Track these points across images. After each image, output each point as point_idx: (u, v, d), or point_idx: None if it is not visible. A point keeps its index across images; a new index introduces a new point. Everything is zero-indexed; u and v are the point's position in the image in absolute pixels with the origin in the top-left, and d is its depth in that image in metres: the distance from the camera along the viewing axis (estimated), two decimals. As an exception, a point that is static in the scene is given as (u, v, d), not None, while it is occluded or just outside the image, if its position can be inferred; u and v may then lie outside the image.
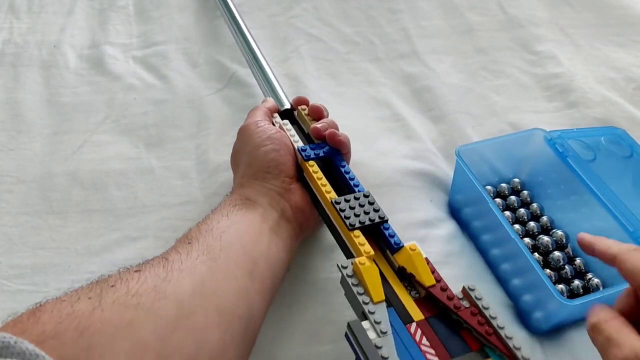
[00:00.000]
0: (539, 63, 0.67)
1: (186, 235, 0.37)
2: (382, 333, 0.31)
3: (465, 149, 0.48)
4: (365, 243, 0.36)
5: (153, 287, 0.30)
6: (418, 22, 0.73)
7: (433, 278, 0.34)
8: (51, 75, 0.63)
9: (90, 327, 0.26)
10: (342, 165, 0.43)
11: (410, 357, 0.31)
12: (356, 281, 0.34)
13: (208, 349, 0.30)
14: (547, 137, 0.50)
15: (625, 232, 0.42)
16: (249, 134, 0.45)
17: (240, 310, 0.33)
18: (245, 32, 0.62)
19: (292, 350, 0.40)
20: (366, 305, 0.32)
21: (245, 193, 0.42)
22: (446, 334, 0.32)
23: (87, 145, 0.56)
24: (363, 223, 0.38)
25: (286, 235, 0.41)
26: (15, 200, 0.50)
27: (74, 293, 0.29)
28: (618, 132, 0.52)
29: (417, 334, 0.32)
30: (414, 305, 0.34)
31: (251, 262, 0.36)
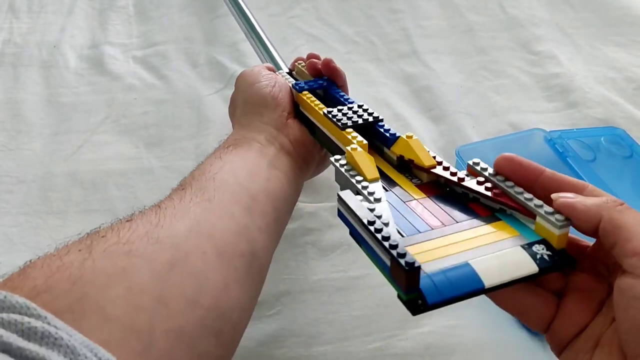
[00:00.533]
0: (539, 63, 0.67)
1: (180, 184, 0.36)
2: (376, 200, 0.29)
3: (466, 149, 0.48)
4: (357, 136, 0.35)
5: (145, 233, 0.29)
6: (418, 22, 0.73)
7: (433, 160, 0.33)
8: (51, 75, 0.63)
9: (82, 277, 0.25)
10: (338, 92, 0.43)
11: (408, 222, 0.28)
12: (349, 167, 0.32)
13: (209, 288, 0.29)
14: (547, 137, 0.50)
15: (625, 232, 0.42)
16: (243, 77, 0.46)
17: (241, 248, 0.32)
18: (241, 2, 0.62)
19: (292, 351, 0.40)
20: (359, 183, 0.31)
21: (241, 133, 0.41)
22: (451, 207, 0.30)
23: (87, 145, 0.56)
24: (356, 122, 0.37)
25: (287, 169, 0.40)
26: (15, 201, 0.50)
27: (64, 247, 0.28)
28: (618, 132, 0.52)
29: (417, 208, 0.30)
30: (415, 189, 0.32)
31: (249, 198, 0.35)
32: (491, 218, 0.29)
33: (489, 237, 0.27)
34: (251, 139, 0.40)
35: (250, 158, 0.39)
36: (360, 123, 0.37)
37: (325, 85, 0.44)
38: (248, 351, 0.40)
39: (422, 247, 0.27)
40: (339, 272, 0.45)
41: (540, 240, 0.27)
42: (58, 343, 0.21)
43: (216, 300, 0.29)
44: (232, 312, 0.30)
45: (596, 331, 0.25)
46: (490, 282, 0.25)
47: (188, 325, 0.27)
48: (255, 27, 0.58)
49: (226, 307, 0.29)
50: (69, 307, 0.24)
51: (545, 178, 0.29)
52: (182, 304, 0.27)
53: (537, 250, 0.26)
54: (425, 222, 0.29)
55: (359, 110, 0.39)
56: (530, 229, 0.28)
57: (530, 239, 0.27)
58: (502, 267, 0.25)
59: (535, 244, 0.27)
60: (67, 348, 0.21)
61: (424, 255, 0.26)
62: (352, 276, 0.45)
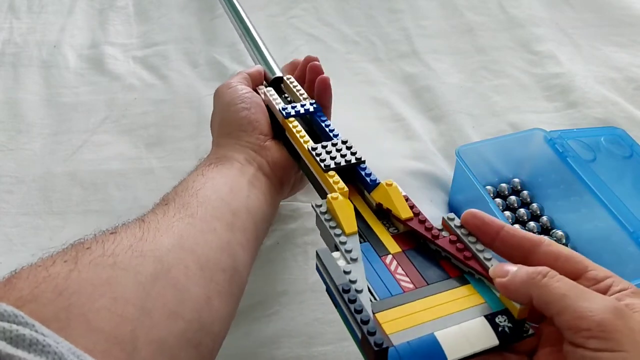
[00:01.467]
0: (539, 63, 0.67)
1: (163, 198, 0.36)
2: (352, 260, 0.30)
3: (465, 149, 0.48)
4: (339, 181, 0.36)
5: (129, 246, 0.29)
6: (418, 22, 0.73)
7: (410, 211, 0.33)
8: (51, 75, 0.63)
9: (68, 287, 0.26)
10: (322, 119, 0.43)
11: (383, 284, 0.30)
12: (329, 216, 0.33)
13: (191, 301, 0.29)
14: (547, 137, 0.50)
15: (625, 232, 0.42)
16: (220, 95, 0.45)
17: (223, 263, 0.33)
18: (235, 2, 0.61)
19: (292, 351, 0.40)
20: (338, 237, 0.32)
21: (221, 152, 0.42)
22: (424, 264, 0.31)
23: (87, 146, 0.56)
24: (338, 164, 0.38)
25: (265, 189, 0.41)
26: (15, 201, 0.50)
27: (49, 258, 0.28)
28: (618, 132, 0.52)
29: (392, 265, 0.31)
30: (391, 240, 0.33)
31: (231, 214, 0.36)
32: (460, 280, 0.30)
33: (456, 304, 0.29)
34: (231, 158, 0.41)
35: (231, 176, 0.39)
36: (343, 165, 0.38)
37: (312, 112, 0.44)
38: (248, 351, 0.40)
39: (392, 314, 0.28)
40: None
41: (503, 310, 0.28)
42: (46, 350, 0.21)
43: (198, 313, 0.29)
44: (212, 325, 0.31)
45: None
46: (453, 356, 0.26)
47: (170, 336, 0.27)
48: (250, 28, 0.58)
49: (207, 320, 0.30)
50: (55, 316, 0.24)
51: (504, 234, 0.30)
52: (165, 316, 0.28)
53: (499, 322, 0.28)
54: (398, 284, 0.30)
55: (343, 149, 0.39)
56: (495, 296, 0.29)
57: (493, 308, 0.28)
58: (465, 341, 0.27)
59: (498, 314, 0.28)
60: (55, 355, 0.21)
61: (393, 324, 0.27)
62: (352, 276, 0.45)
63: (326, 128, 0.42)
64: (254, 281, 0.45)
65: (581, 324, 0.24)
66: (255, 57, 0.54)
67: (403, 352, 0.26)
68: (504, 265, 0.28)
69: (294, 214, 0.49)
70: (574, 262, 0.28)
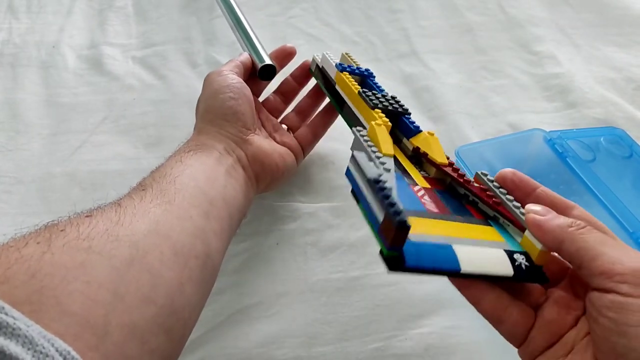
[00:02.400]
0: (538, 63, 0.67)
1: (140, 183, 0.36)
2: (386, 170, 0.30)
3: (465, 149, 0.48)
4: (384, 116, 0.37)
5: (105, 230, 0.29)
6: (417, 22, 0.73)
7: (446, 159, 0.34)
8: (50, 76, 0.63)
9: (41, 270, 0.25)
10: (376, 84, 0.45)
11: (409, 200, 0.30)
12: (368, 139, 0.34)
13: (164, 286, 0.29)
14: (546, 137, 0.50)
15: (625, 232, 0.42)
16: (210, 81, 0.45)
17: (197, 250, 0.33)
18: (234, 6, 0.61)
19: (292, 352, 0.40)
20: (375, 153, 0.32)
21: (201, 139, 0.42)
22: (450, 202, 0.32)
23: (86, 146, 0.55)
24: (386, 106, 0.39)
25: (242, 180, 0.41)
26: (14, 201, 0.50)
27: (22, 238, 0.28)
28: (617, 132, 0.52)
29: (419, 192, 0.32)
30: (421, 179, 0.34)
31: (207, 202, 0.36)
32: (483, 222, 0.31)
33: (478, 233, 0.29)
34: (211, 147, 0.41)
35: (209, 164, 0.39)
36: (390, 109, 0.39)
37: (365, 74, 0.47)
38: (247, 352, 0.40)
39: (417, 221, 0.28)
40: (338, 272, 0.45)
41: (523, 252, 0.29)
42: (16, 333, 0.21)
43: (170, 298, 0.29)
44: (184, 311, 0.31)
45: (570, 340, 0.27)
46: (467, 268, 0.26)
47: (142, 321, 0.27)
48: (240, 17, 0.58)
49: (179, 305, 0.30)
50: (27, 298, 0.24)
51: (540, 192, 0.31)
52: (138, 300, 0.28)
53: (517, 258, 0.28)
54: (423, 206, 0.30)
55: (391, 100, 0.41)
56: (517, 241, 0.30)
57: (514, 248, 0.29)
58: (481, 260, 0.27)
59: (517, 253, 0.28)
60: (25, 338, 0.21)
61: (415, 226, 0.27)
62: (351, 276, 0.45)
63: (377, 88, 0.44)
64: (254, 281, 0.45)
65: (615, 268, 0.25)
66: (245, 46, 0.54)
67: (420, 247, 0.26)
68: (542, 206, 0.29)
69: (294, 214, 0.49)
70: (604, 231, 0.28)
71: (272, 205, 0.50)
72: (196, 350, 0.40)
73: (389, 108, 0.39)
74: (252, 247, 0.47)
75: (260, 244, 0.47)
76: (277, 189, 0.49)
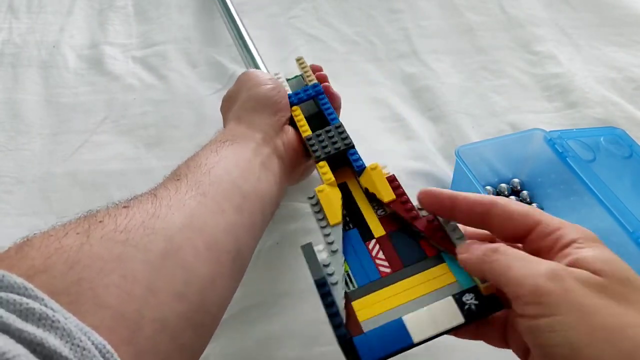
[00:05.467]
0: (539, 63, 0.67)
1: (175, 172, 0.37)
2: (333, 252, 0.32)
3: (465, 149, 0.48)
4: (327, 172, 0.38)
5: (142, 223, 0.29)
6: (418, 22, 0.73)
7: (392, 193, 0.35)
8: (50, 76, 0.63)
9: (79, 261, 0.26)
10: (323, 103, 0.45)
11: (363, 270, 0.32)
12: (318, 208, 0.36)
13: (197, 282, 0.30)
14: (546, 137, 0.50)
15: (625, 232, 0.42)
16: (251, 75, 0.46)
17: (229, 245, 0.33)
18: (231, 8, 0.63)
19: (292, 352, 0.40)
20: (323, 228, 0.34)
21: (240, 129, 0.42)
22: (404, 246, 0.33)
23: (86, 146, 0.56)
24: (328, 153, 0.40)
25: (277, 171, 0.41)
26: (15, 201, 0.50)
27: (61, 228, 0.28)
28: (617, 132, 0.52)
29: (374, 250, 0.33)
30: (377, 223, 0.35)
31: (240, 196, 0.36)
32: (436, 259, 0.32)
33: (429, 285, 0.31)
34: (248, 137, 0.41)
35: (245, 156, 0.39)
36: (332, 153, 0.40)
37: (314, 95, 0.46)
38: (248, 351, 0.40)
39: (367, 300, 0.30)
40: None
41: (472, 287, 0.30)
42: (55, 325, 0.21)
43: (202, 295, 0.30)
44: (213, 306, 0.31)
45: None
46: (419, 337, 0.28)
47: (173, 316, 0.28)
48: (241, 29, 0.60)
49: (209, 301, 0.30)
50: (65, 289, 0.24)
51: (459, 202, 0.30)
52: (170, 296, 0.28)
53: (466, 300, 0.29)
54: (377, 269, 0.32)
55: (334, 135, 0.41)
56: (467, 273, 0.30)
57: (464, 286, 0.30)
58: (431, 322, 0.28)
59: (466, 292, 0.29)
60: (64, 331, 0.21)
61: (366, 312, 0.30)
62: (352, 276, 0.45)
63: (325, 112, 0.44)
64: (254, 282, 0.45)
65: (518, 292, 0.25)
66: (245, 58, 0.56)
67: (371, 337, 0.28)
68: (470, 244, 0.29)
69: (294, 214, 0.49)
70: (526, 219, 0.28)
71: (272, 205, 0.50)
72: (197, 350, 0.40)
73: (332, 153, 0.40)
74: (253, 247, 0.47)
75: (261, 244, 0.47)
76: (310, 174, 0.50)
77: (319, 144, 0.41)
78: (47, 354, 0.20)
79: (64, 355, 0.20)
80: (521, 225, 0.28)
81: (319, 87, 0.46)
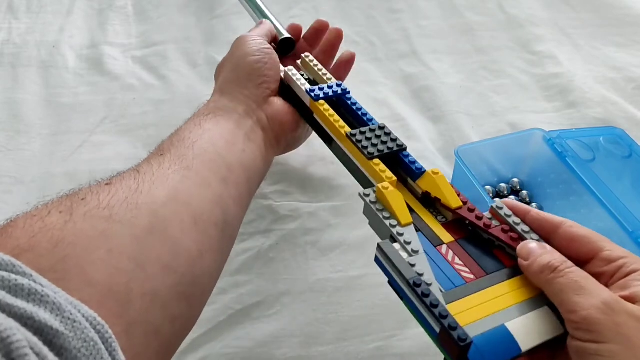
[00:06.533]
0: (538, 63, 0.67)
1: (158, 147, 0.36)
2: (414, 252, 0.30)
3: (465, 149, 0.48)
4: (386, 170, 0.36)
5: (125, 199, 0.29)
6: (418, 22, 0.73)
7: (459, 200, 0.33)
8: (50, 76, 0.63)
9: (64, 239, 0.26)
10: (353, 102, 0.43)
11: (444, 275, 0.30)
12: (381, 207, 0.33)
13: (185, 255, 0.30)
14: (546, 137, 0.50)
15: (624, 232, 0.42)
16: (242, 43, 0.45)
17: (216, 217, 0.33)
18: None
19: (292, 351, 0.40)
20: (394, 227, 0.31)
21: (222, 101, 0.42)
22: (478, 254, 0.31)
23: (86, 146, 0.55)
24: (382, 152, 0.37)
25: (261, 143, 0.41)
26: (14, 201, 0.50)
27: (44, 207, 0.28)
28: (617, 132, 0.52)
29: (449, 255, 0.31)
30: (442, 229, 0.33)
31: (225, 168, 0.36)
32: (516, 270, 0.30)
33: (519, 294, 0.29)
34: (231, 109, 0.41)
35: (229, 128, 0.39)
36: (386, 152, 0.37)
37: (340, 94, 0.43)
38: (248, 351, 0.40)
39: (462, 305, 0.28)
40: (338, 272, 0.45)
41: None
42: (45, 300, 0.21)
43: (190, 266, 0.30)
44: (203, 278, 0.31)
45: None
46: (526, 346, 0.26)
47: (163, 288, 0.28)
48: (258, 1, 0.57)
49: (199, 272, 0.30)
50: (51, 267, 0.24)
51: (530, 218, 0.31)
52: (159, 269, 0.28)
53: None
54: (459, 275, 0.30)
55: (382, 135, 0.39)
56: None
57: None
58: (535, 330, 0.27)
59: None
60: (54, 305, 0.21)
61: (465, 316, 0.27)
62: (351, 276, 0.45)
63: (359, 112, 0.42)
64: (254, 281, 0.45)
65: (571, 317, 0.26)
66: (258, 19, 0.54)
67: (481, 345, 0.26)
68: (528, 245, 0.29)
69: (294, 214, 0.49)
70: (589, 243, 0.29)
71: (272, 205, 0.50)
72: (197, 349, 0.40)
73: (385, 152, 0.37)
74: (253, 247, 0.47)
75: (261, 243, 0.47)
76: (298, 146, 0.49)
77: (368, 141, 0.38)
78: (38, 327, 0.20)
79: (55, 328, 0.21)
80: (584, 249, 0.29)
81: (343, 86, 0.44)
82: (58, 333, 0.21)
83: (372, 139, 0.38)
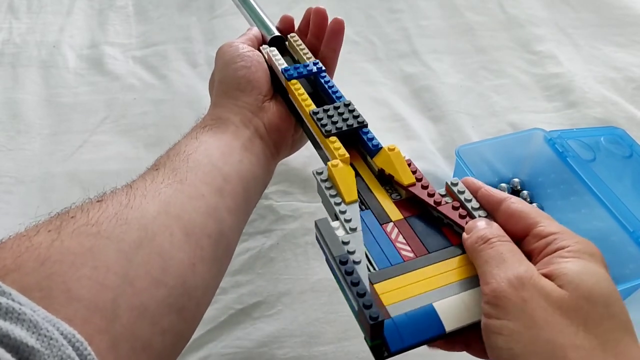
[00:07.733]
0: (539, 63, 0.67)
1: (155, 163, 0.36)
2: (352, 230, 0.30)
3: (465, 149, 0.48)
4: (340, 147, 0.35)
5: (114, 214, 0.29)
6: (418, 22, 0.73)
7: (413, 177, 0.33)
8: (50, 76, 0.63)
9: (50, 257, 0.26)
10: (326, 81, 0.42)
11: (383, 254, 0.30)
12: (329, 184, 0.33)
13: (175, 268, 0.29)
14: (546, 137, 0.50)
15: (625, 232, 0.42)
16: (222, 53, 0.44)
17: (209, 228, 0.33)
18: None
19: (293, 351, 0.40)
20: (337, 205, 0.32)
21: (217, 113, 0.41)
22: (425, 232, 0.31)
23: (86, 146, 0.56)
24: (340, 129, 0.37)
25: (260, 152, 0.40)
26: (15, 201, 0.50)
27: (34, 227, 0.28)
28: (618, 132, 0.52)
29: (392, 233, 0.31)
30: (393, 207, 0.33)
31: (221, 179, 0.35)
32: (462, 248, 0.30)
33: (456, 273, 0.29)
34: (227, 120, 0.40)
35: (225, 139, 0.39)
36: (344, 130, 0.37)
37: (315, 72, 0.43)
38: (248, 351, 0.40)
39: (391, 284, 0.28)
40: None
41: None
42: (21, 318, 0.21)
43: (181, 278, 0.30)
44: (196, 290, 0.31)
45: None
46: (451, 326, 0.26)
47: (152, 302, 0.28)
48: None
49: (191, 284, 0.30)
50: (37, 285, 0.24)
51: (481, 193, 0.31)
52: (147, 283, 0.28)
53: None
54: (398, 253, 0.30)
55: (345, 112, 0.38)
56: None
57: None
58: (463, 310, 0.27)
59: None
60: (30, 322, 0.21)
61: (391, 295, 0.27)
62: (352, 276, 0.45)
63: (329, 89, 0.41)
64: (255, 281, 0.45)
65: (484, 289, 0.25)
66: (250, 19, 0.53)
67: (400, 323, 0.26)
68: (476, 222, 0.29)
69: (294, 214, 0.49)
70: (526, 219, 0.28)
71: (273, 204, 0.50)
72: (197, 349, 0.40)
73: (344, 129, 0.37)
74: (253, 247, 0.47)
75: (262, 243, 0.47)
76: (300, 147, 0.49)
77: (328, 119, 0.37)
78: (14, 345, 0.20)
79: (31, 345, 0.21)
80: (521, 225, 0.28)
81: (320, 65, 0.43)
82: (34, 350, 0.21)
83: (334, 116, 0.38)
